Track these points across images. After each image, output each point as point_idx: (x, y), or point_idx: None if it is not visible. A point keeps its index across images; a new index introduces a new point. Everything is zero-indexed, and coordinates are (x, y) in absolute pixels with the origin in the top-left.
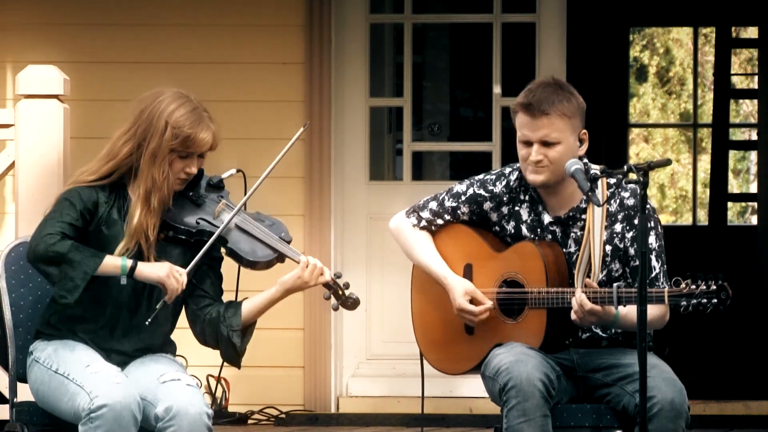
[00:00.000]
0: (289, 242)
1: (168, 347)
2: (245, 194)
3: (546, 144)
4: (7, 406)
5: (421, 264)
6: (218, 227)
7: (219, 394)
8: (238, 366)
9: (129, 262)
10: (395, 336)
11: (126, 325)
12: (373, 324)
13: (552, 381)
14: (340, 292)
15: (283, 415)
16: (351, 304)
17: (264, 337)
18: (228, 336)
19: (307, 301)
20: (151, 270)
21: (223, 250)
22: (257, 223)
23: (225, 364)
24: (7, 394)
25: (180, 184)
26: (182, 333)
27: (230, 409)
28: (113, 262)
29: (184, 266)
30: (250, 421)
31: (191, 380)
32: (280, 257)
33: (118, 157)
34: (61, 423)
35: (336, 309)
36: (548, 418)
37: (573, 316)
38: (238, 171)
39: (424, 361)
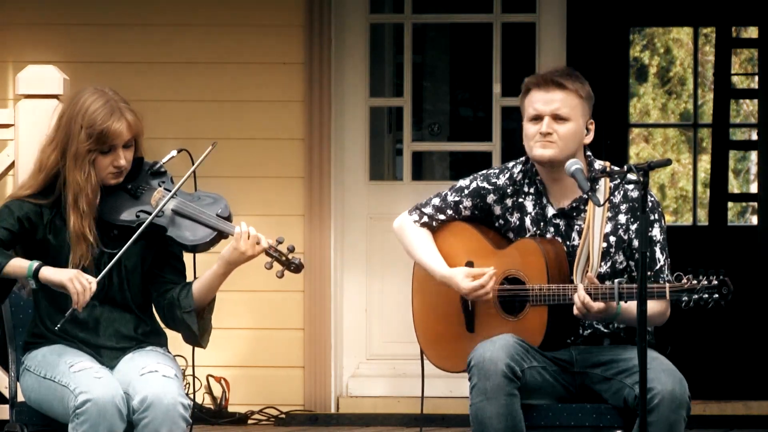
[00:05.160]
0: (227, 217)
1: (156, 338)
2: (193, 175)
3: (557, 118)
4: (7, 406)
5: (419, 261)
6: (158, 216)
7: (219, 394)
8: (202, 346)
9: (35, 264)
10: (395, 336)
11: (103, 319)
12: (373, 324)
13: (520, 363)
14: (283, 258)
15: (283, 415)
16: (294, 268)
17: (264, 337)
18: (182, 318)
19: (307, 301)
20: (54, 273)
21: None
22: (194, 204)
23: (227, 364)
24: (7, 394)
25: (114, 177)
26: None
27: (230, 409)
28: (20, 263)
29: (146, 260)
30: (250, 421)
31: (170, 371)
32: (221, 234)
33: (47, 168)
34: (59, 424)
35: (281, 276)
36: (514, 397)
37: (575, 311)
38: (179, 151)
39: (425, 360)
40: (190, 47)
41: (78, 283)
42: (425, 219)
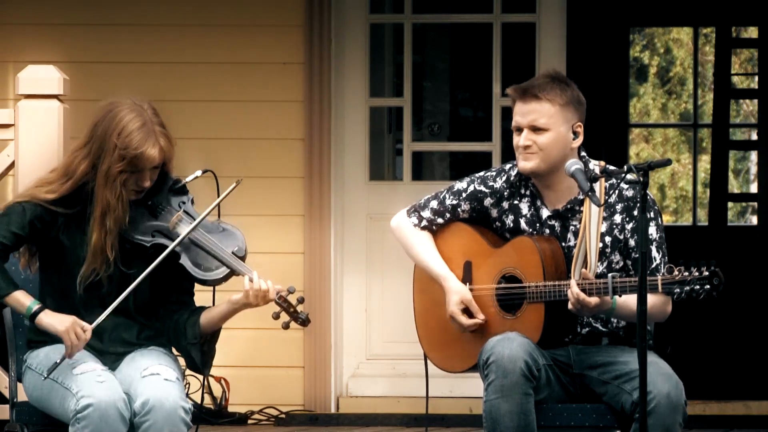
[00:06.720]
0: (243, 257)
1: (158, 338)
2: (218, 195)
3: (535, 129)
4: (7, 406)
5: (421, 264)
6: (173, 241)
7: (219, 394)
8: (204, 375)
9: (35, 307)
10: (395, 336)
11: (107, 326)
12: (373, 324)
13: (536, 362)
14: (291, 310)
15: (283, 415)
16: (301, 322)
17: (264, 337)
18: (186, 349)
19: (307, 301)
20: (51, 321)
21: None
22: (211, 236)
23: (227, 364)
24: (7, 394)
25: (135, 194)
26: None
27: (230, 409)
28: (22, 300)
29: (155, 274)
30: (250, 421)
31: (171, 374)
32: (232, 273)
33: (76, 176)
34: (60, 423)
35: (286, 327)
36: (530, 396)
37: (570, 306)
38: (205, 172)
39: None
40: (190, 47)
41: (73, 334)
42: (425, 223)
